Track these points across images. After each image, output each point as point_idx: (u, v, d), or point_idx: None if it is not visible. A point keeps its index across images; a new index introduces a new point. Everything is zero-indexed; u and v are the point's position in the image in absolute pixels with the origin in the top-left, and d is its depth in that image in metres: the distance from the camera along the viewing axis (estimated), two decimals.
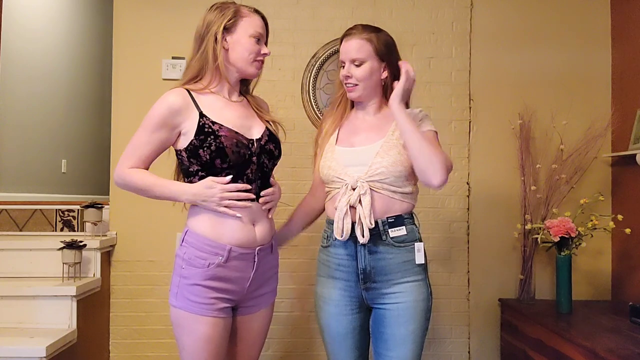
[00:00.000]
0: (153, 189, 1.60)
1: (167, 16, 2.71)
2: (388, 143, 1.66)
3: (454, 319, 2.73)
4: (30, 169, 3.76)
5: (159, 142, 1.60)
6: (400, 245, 1.65)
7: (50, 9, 4.14)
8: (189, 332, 1.55)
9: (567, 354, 2.02)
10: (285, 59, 2.75)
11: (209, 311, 1.55)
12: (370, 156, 1.65)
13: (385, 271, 1.65)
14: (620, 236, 2.54)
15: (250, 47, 1.63)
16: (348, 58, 1.69)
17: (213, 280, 1.55)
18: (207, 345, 1.55)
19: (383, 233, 1.64)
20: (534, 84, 2.76)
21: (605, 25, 2.79)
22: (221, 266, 1.56)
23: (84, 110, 4.63)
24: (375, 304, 1.68)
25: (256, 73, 1.68)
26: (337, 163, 1.68)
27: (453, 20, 2.77)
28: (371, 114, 1.75)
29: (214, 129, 1.55)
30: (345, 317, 1.70)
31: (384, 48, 1.70)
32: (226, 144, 1.54)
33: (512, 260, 2.72)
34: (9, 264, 2.49)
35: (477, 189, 2.75)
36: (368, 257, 1.65)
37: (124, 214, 2.68)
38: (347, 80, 1.70)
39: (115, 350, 2.66)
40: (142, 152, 1.61)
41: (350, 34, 1.71)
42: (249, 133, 1.63)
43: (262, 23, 1.67)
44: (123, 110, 2.70)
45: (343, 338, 1.71)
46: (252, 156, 1.60)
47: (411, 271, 1.65)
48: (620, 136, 2.67)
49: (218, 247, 1.56)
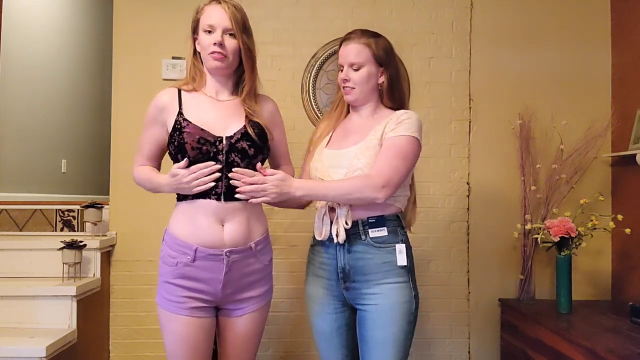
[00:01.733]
0: (148, 184, 1.69)
1: (167, 16, 2.71)
2: (366, 144, 1.66)
3: (454, 319, 2.73)
4: (30, 169, 3.76)
5: (154, 139, 1.69)
6: (381, 245, 1.64)
7: (50, 9, 4.14)
8: (166, 330, 1.62)
9: (567, 354, 2.02)
10: (285, 59, 2.75)
11: (181, 309, 1.57)
12: (350, 158, 1.66)
13: (365, 271, 1.64)
14: (620, 236, 2.54)
15: (204, 43, 1.62)
16: (346, 62, 1.70)
17: (182, 279, 1.58)
18: (182, 344, 1.58)
19: (362, 233, 1.64)
20: (534, 84, 2.76)
21: (605, 25, 2.79)
22: (189, 265, 1.58)
23: (84, 110, 4.63)
24: (356, 304, 1.68)
25: (214, 66, 1.63)
26: (322, 165, 1.71)
27: (453, 20, 2.77)
28: (364, 117, 1.76)
29: (182, 125, 1.59)
30: (329, 316, 1.71)
31: (383, 53, 1.71)
32: (187, 140, 1.56)
33: (512, 260, 2.72)
34: (9, 264, 2.48)
35: (477, 189, 2.75)
36: (347, 256, 1.65)
37: (124, 214, 2.68)
38: (345, 83, 1.72)
39: (115, 350, 2.66)
40: (144, 150, 1.72)
41: (349, 38, 1.72)
42: (221, 131, 1.59)
43: (218, 13, 1.60)
44: (123, 110, 2.70)
45: (328, 336, 1.73)
46: (217, 154, 1.58)
47: (392, 272, 1.63)
48: (620, 136, 2.67)
49: (186, 246, 1.58)
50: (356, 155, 1.65)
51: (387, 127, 1.66)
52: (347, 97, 1.74)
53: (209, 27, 1.60)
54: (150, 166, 1.73)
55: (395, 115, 1.68)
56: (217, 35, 1.60)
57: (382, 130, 1.66)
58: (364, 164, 1.63)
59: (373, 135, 1.67)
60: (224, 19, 1.60)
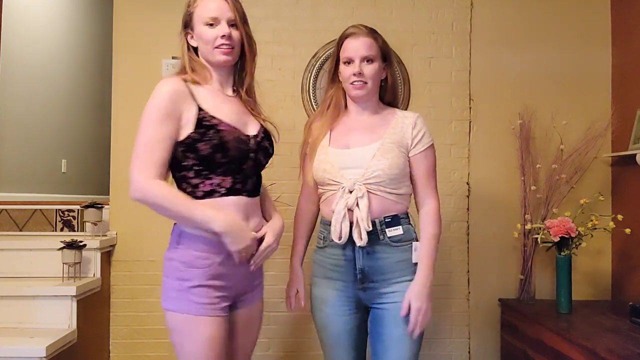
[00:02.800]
0: (176, 208, 1.48)
1: (167, 16, 2.71)
2: (385, 146, 1.66)
3: (454, 319, 2.73)
4: (30, 169, 3.76)
5: (169, 137, 1.48)
6: (397, 244, 1.66)
7: (50, 9, 4.14)
8: (194, 336, 1.49)
9: (567, 354, 2.02)
10: (285, 59, 2.75)
11: (214, 311, 1.52)
12: (367, 158, 1.65)
13: (383, 271, 1.65)
14: (620, 236, 2.54)
15: (207, 36, 1.55)
16: (359, 55, 1.67)
17: (215, 279, 1.53)
18: (215, 346, 1.51)
19: (380, 233, 1.65)
20: (534, 84, 2.76)
21: (605, 25, 2.79)
22: (222, 264, 1.54)
23: (84, 110, 4.63)
24: (373, 304, 1.68)
25: (225, 60, 1.57)
26: (331, 166, 1.68)
27: (453, 20, 2.77)
28: (366, 114, 1.75)
29: (213, 123, 1.50)
30: (341, 318, 1.70)
31: (386, 48, 1.73)
32: (228, 139, 1.50)
33: (512, 260, 2.72)
34: (9, 264, 2.48)
35: (477, 189, 2.75)
36: (366, 257, 1.65)
37: (124, 214, 2.68)
38: (358, 77, 1.67)
39: (115, 350, 2.66)
40: (157, 155, 1.47)
41: (356, 32, 1.70)
42: (246, 129, 1.60)
43: (219, 4, 1.55)
44: (123, 110, 2.70)
45: (340, 339, 1.71)
46: (249, 152, 1.57)
47: (408, 270, 1.66)
48: (620, 136, 2.67)
49: (217, 245, 1.52)
50: (375, 156, 1.64)
51: (407, 134, 1.68)
52: (358, 92, 1.69)
53: (211, 20, 1.54)
54: (166, 183, 1.52)
55: (410, 120, 1.71)
56: (224, 27, 1.54)
57: (401, 135, 1.68)
58: (386, 165, 1.63)
59: (389, 137, 1.68)
60: (227, 10, 1.55)
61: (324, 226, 1.75)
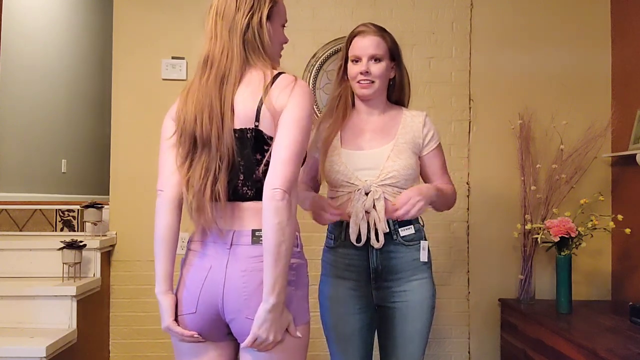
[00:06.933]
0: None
1: (167, 16, 2.71)
2: (398, 147, 1.67)
3: (454, 319, 2.73)
4: (30, 169, 3.77)
5: None
6: (410, 243, 1.67)
7: (50, 9, 4.14)
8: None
9: (567, 354, 2.02)
10: (285, 59, 2.69)
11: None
12: (382, 160, 1.65)
13: (397, 270, 1.66)
14: (620, 236, 2.54)
15: (284, 38, 1.60)
16: (367, 54, 1.67)
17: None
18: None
19: (394, 232, 1.65)
20: (534, 84, 2.76)
21: (605, 25, 2.79)
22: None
23: (84, 110, 4.63)
24: (384, 303, 1.69)
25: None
26: (345, 167, 1.67)
27: (453, 20, 2.77)
28: (376, 114, 1.74)
29: None
30: (352, 317, 1.70)
31: (395, 47, 1.73)
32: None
33: (512, 260, 2.72)
34: (9, 264, 2.48)
35: (477, 189, 2.75)
36: (379, 256, 1.65)
37: (124, 214, 2.68)
38: (365, 76, 1.67)
39: (115, 350, 2.66)
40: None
41: (364, 30, 1.70)
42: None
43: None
44: (123, 110, 2.69)
45: (350, 338, 1.71)
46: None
47: (418, 269, 1.67)
48: (620, 136, 2.67)
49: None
50: (390, 157, 1.65)
51: (418, 134, 1.71)
52: (365, 91, 1.69)
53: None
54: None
55: (419, 119, 1.73)
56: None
57: (412, 135, 1.70)
58: (401, 166, 1.64)
59: (401, 138, 1.69)
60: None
61: (334, 226, 1.74)
